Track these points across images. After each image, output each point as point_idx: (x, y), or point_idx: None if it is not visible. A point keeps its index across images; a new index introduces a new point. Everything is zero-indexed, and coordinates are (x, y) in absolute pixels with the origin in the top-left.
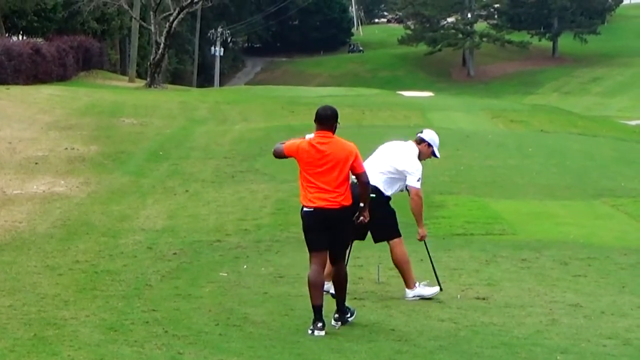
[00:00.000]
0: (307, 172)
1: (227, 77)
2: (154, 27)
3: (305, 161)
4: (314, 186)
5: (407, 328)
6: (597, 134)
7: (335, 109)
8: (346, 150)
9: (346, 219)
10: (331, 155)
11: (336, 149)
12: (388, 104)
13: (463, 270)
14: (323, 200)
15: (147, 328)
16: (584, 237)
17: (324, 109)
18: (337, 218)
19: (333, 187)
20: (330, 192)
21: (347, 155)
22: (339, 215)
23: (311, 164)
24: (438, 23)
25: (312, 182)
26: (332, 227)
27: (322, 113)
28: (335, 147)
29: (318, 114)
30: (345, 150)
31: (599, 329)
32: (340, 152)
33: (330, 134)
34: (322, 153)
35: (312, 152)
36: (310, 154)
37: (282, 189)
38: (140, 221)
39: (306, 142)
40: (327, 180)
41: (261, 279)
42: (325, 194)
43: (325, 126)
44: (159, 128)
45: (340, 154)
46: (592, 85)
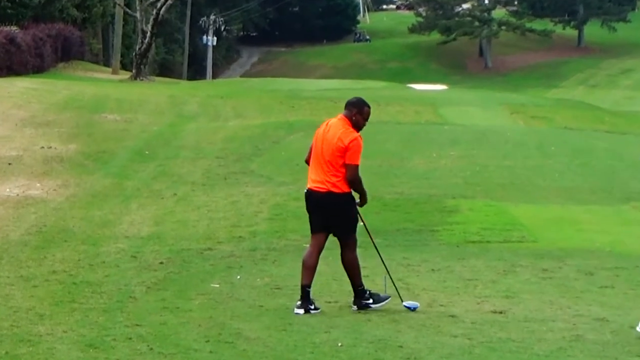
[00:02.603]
0: (312, 151)
1: (221, 68)
2: (140, 14)
3: (314, 139)
4: (311, 167)
5: (417, 344)
6: (627, 131)
7: (358, 99)
8: (340, 137)
9: (335, 205)
10: (328, 139)
11: (333, 134)
12: (397, 98)
13: (478, 281)
14: (314, 182)
15: (131, 345)
16: (610, 245)
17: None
18: (325, 202)
19: (324, 171)
20: (321, 175)
21: (338, 143)
22: (326, 200)
23: (315, 144)
24: (452, 10)
25: (312, 163)
26: (323, 211)
27: (348, 99)
28: (333, 132)
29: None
30: (339, 137)
31: (628, 346)
32: (333, 137)
33: (344, 118)
34: (324, 135)
35: (320, 131)
36: (318, 133)
37: (280, 192)
38: (123, 227)
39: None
40: (319, 163)
41: (256, 291)
42: (316, 177)
43: (345, 111)
44: (144, 125)
45: (332, 138)
46: (621, 77)
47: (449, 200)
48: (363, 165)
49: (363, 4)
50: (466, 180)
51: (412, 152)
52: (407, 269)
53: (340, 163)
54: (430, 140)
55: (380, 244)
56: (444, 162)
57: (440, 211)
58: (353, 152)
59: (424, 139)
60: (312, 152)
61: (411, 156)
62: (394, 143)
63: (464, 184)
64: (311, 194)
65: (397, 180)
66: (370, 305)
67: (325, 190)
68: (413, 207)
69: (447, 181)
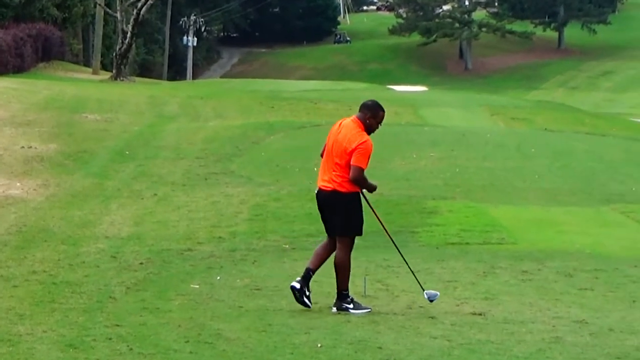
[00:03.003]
0: (324, 150)
1: (201, 69)
2: (120, 14)
3: (327, 137)
4: (321, 166)
5: (396, 346)
6: (607, 133)
7: (373, 102)
8: (349, 139)
9: (338, 204)
10: (339, 140)
11: (344, 135)
12: (377, 99)
13: (458, 282)
14: (322, 181)
15: (111, 345)
16: (590, 247)
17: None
18: (328, 201)
19: (331, 170)
20: (328, 174)
21: (347, 145)
22: (329, 198)
23: (327, 143)
24: (433, 11)
25: (322, 162)
26: (326, 210)
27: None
28: (344, 133)
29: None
30: (349, 138)
31: (607, 348)
32: (343, 138)
33: (357, 120)
34: (336, 135)
35: (333, 131)
36: (331, 133)
37: (260, 193)
38: (103, 228)
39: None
40: (328, 162)
41: (236, 292)
42: (324, 175)
43: (359, 113)
44: (125, 125)
45: (342, 139)
46: (601, 79)
47: (429, 201)
48: None
49: (343, 5)
50: (446, 182)
51: (392, 153)
52: (386, 271)
53: (347, 164)
54: (410, 142)
55: (359, 245)
56: (424, 163)
57: (420, 212)
58: (360, 154)
59: (404, 140)
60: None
61: (391, 157)
62: (374, 144)
63: (443, 185)
64: (319, 193)
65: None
66: (349, 309)
67: (331, 189)
68: (393, 208)
69: (427, 182)
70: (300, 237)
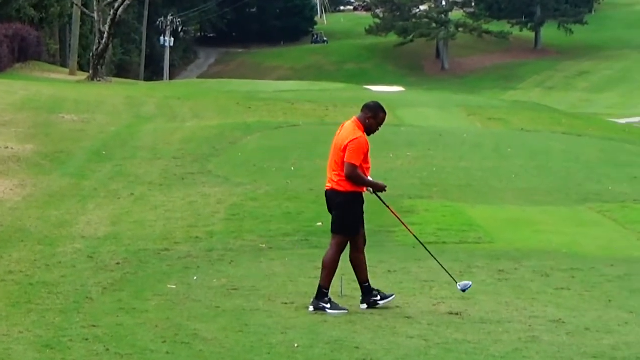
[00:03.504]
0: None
1: (178, 69)
2: (97, 14)
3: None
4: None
5: (373, 346)
6: (583, 133)
7: (375, 104)
8: (344, 136)
9: (336, 202)
10: (338, 142)
11: (341, 135)
12: (354, 99)
13: (435, 282)
14: (327, 181)
15: (87, 346)
16: (567, 246)
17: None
18: (330, 200)
19: (332, 169)
20: (329, 174)
21: (342, 142)
22: (330, 197)
23: (331, 145)
24: (409, 11)
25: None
26: (330, 209)
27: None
28: (342, 133)
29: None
30: (343, 136)
31: (583, 347)
32: (340, 137)
33: (357, 121)
34: (336, 137)
35: (336, 132)
36: (335, 134)
37: (237, 192)
38: (80, 228)
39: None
40: (330, 161)
41: (213, 292)
42: (328, 175)
43: (360, 114)
44: (102, 125)
45: (339, 138)
46: (577, 80)
47: (406, 200)
48: (320, 167)
49: (320, 5)
50: (423, 181)
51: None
52: None
53: (343, 162)
54: (387, 142)
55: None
56: (401, 163)
57: (397, 212)
58: (352, 150)
59: (381, 140)
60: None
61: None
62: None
63: (420, 185)
64: (325, 193)
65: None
66: (326, 309)
67: (330, 188)
68: (370, 208)
69: (403, 182)
70: (277, 237)
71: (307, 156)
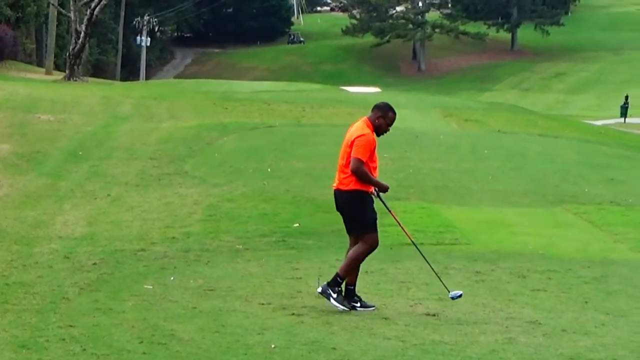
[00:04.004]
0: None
1: (154, 69)
2: (74, 14)
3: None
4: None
5: (350, 347)
6: (559, 134)
7: (385, 104)
8: (352, 133)
9: (343, 202)
10: (345, 141)
11: (350, 132)
12: (330, 100)
13: (412, 283)
14: (335, 180)
15: (64, 346)
16: (543, 248)
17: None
18: (338, 199)
19: (341, 169)
20: (338, 173)
21: (349, 138)
22: (337, 197)
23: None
24: (386, 12)
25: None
26: (339, 209)
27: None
28: (351, 130)
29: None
30: (351, 133)
31: (560, 349)
32: (348, 135)
33: (367, 121)
34: (345, 137)
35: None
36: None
37: (213, 193)
38: (56, 228)
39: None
40: (339, 162)
41: (189, 292)
42: (337, 174)
43: (370, 114)
44: (78, 125)
45: (347, 137)
46: (554, 81)
47: None
48: (296, 168)
49: (297, 5)
50: (399, 183)
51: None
52: None
53: (348, 161)
54: None
55: (313, 246)
56: (378, 164)
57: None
58: (358, 146)
59: None
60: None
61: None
62: (328, 145)
63: (397, 186)
64: (334, 193)
65: (330, 182)
66: (331, 297)
67: (336, 187)
68: None
69: None
70: (253, 238)
71: (283, 157)
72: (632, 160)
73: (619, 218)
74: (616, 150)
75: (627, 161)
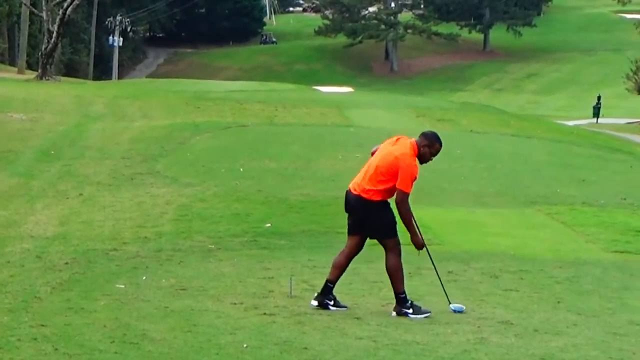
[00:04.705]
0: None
1: (127, 69)
2: (46, 14)
3: (379, 147)
4: (361, 170)
5: (322, 347)
6: (532, 135)
7: (433, 133)
8: (399, 152)
9: (363, 209)
10: (390, 151)
11: (395, 147)
12: (303, 100)
13: (383, 283)
14: (353, 184)
15: (36, 345)
16: (515, 248)
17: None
18: (353, 204)
19: (365, 178)
20: (360, 179)
21: (394, 154)
22: (354, 202)
23: (378, 151)
24: (358, 12)
25: (363, 167)
26: (354, 213)
27: (425, 130)
28: (397, 149)
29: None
30: (398, 151)
31: (531, 349)
32: (392, 150)
33: (414, 144)
34: (389, 146)
35: (387, 142)
36: (384, 143)
37: (186, 193)
38: (28, 227)
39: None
40: (367, 168)
41: (161, 292)
42: (357, 179)
43: (418, 138)
44: (50, 125)
45: (391, 149)
46: (526, 82)
47: None
48: (269, 168)
49: (270, 6)
50: None
51: (318, 154)
52: (312, 271)
53: (380, 179)
54: (336, 143)
55: (285, 246)
56: (350, 164)
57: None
58: (405, 175)
59: (330, 141)
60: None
61: (317, 158)
62: (300, 145)
63: None
64: (346, 193)
65: (302, 182)
66: (409, 314)
67: (356, 193)
68: (319, 209)
69: None
70: (225, 238)
71: (255, 157)
72: (604, 161)
73: (590, 219)
74: (588, 150)
75: (599, 162)
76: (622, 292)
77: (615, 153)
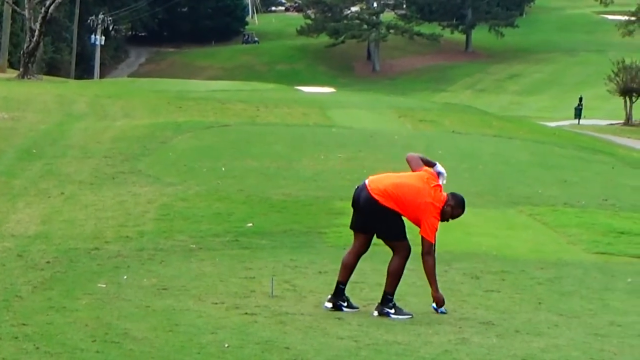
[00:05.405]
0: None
1: (109, 68)
2: (28, 12)
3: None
4: (386, 171)
5: (303, 346)
6: (514, 136)
7: (462, 199)
8: (427, 203)
9: (369, 206)
10: (416, 181)
11: (425, 188)
12: (285, 100)
13: (365, 284)
14: (369, 181)
15: (17, 344)
16: (497, 249)
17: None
18: (362, 201)
19: (387, 182)
20: (381, 182)
21: (420, 201)
22: (363, 198)
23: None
24: (341, 12)
25: (389, 170)
26: (361, 211)
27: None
28: (427, 189)
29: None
30: (425, 200)
31: (513, 349)
32: (421, 191)
33: (446, 196)
34: (424, 171)
35: (423, 163)
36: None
37: (167, 192)
38: (10, 226)
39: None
40: (393, 175)
41: (143, 291)
42: (376, 177)
43: (449, 194)
44: (32, 123)
45: (420, 191)
46: (508, 82)
47: (337, 202)
48: (250, 167)
49: (252, 5)
50: (354, 183)
51: (300, 154)
52: (294, 271)
53: (398, 198)
54: (318, 143)
55: (266, 246)
56: (332, 164)
57: (328, 213)
58: (431, 227)
59: (312, 141)
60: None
61: (299, 158)
62: (282, 145)
63: (351, 187)
64: (358, 189)
65: (284, 182)
66: (390, 314)
67: (372, 195)
68: (300, 209)
69: (334, 183)
70: (207, 237)
71: (237, 156)
72: (586, 162)
73: (572, 219)
74: (570, 151)
75: (580, 162)
76: (603, 293)
77: (597, 154)
